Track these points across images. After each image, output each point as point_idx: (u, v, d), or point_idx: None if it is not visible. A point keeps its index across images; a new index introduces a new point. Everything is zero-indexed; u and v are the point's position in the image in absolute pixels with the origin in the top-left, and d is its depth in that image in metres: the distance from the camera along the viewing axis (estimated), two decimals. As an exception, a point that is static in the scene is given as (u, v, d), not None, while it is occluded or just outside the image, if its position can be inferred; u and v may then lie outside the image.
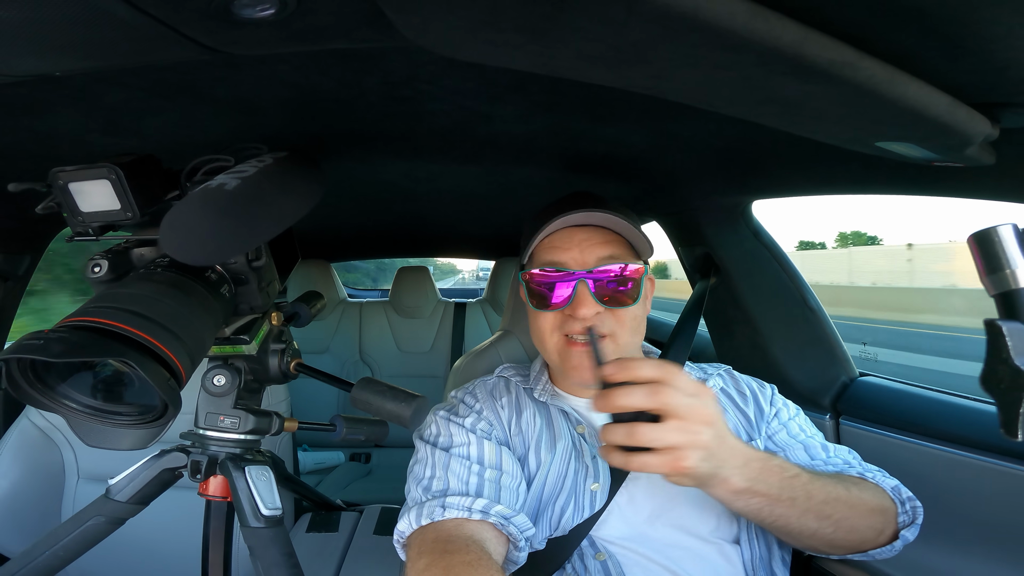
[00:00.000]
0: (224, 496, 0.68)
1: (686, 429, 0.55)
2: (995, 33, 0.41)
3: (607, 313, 0.76)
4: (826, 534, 0.67)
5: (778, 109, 0.52)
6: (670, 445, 0.55)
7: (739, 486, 0.60)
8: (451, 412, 0.83)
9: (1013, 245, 0.43)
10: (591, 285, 0.75)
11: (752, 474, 0.60)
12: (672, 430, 0.55)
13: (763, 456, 0.63)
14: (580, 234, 0.78)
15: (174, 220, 0.49)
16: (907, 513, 0.73)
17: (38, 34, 0.43)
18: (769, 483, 0.62)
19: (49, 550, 0.66)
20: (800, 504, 0.64)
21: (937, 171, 0.68)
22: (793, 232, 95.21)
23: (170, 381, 0.47)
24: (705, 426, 0.56)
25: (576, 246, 0.77)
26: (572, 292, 0.75)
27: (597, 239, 0.78)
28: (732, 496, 0.61)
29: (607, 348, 0.76)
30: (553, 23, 0.39)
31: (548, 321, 0.78)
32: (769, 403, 0.86)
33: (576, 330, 0.76)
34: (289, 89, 0.69)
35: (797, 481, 0.64)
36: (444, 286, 3.50)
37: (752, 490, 0.61)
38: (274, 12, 0.41)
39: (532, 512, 0.76)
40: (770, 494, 0.62)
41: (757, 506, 0.63)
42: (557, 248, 0.78)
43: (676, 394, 0.56)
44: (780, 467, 0.64)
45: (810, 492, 0.64)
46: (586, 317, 0.74)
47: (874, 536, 0.70)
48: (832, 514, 0.66)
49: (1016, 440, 0.42)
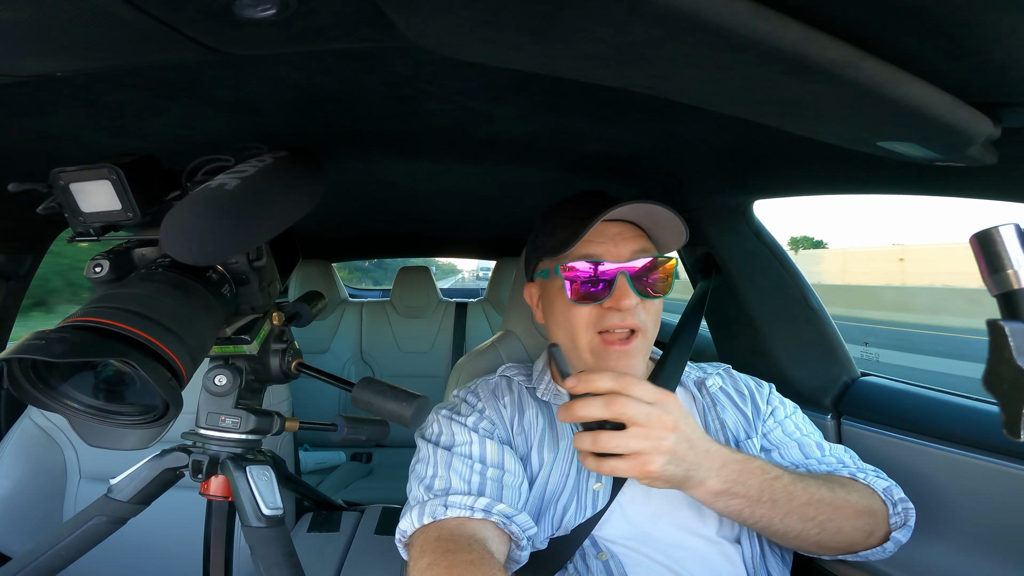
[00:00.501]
0: (225, 496, 0.68)
1: (648, 436, 0.58)
2: (997, 32, 0.41)
3: (640, 306, 0.77)
4: (811, 536, 0.68)
5: (780, 109, 0.52)
6: (633, 451, 0.58)
7: (717, 488, 0.62)
8: (453, 411, 0.83)
9: (1015, 245, 0.43)
10: (631, 276, 0.76)
11: (730, 476, 0.62)
12: (633, 437, 0.58)
13: (743, 458, 0.65)
14: (612, 228, 0.79)
15: (175, 220, 0.49)
16: (899, 515, 0.74)
17: (39, 35, 0.43)
18: (748, 484, 0.63)
19: (51, 550, 0.66)
20: (782, 506, 0.65)
21: (939, 171, 0.68)
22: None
23: (171, 381, 0.47)
24: (668, 431, 0.59)
25: (610, 240, 0.78)
26: (612, 283, 0.76)
27: (629, 233, 0.79)
28: (711, 497, 0.63)
29: (639, 345, 0.78)
30: (554, 23, 0.39)
31: (584, 317, 0.78)
32: (766, 401, 0.86)
33: (615, 323, 0.76)
34: (290, 89, 0.69)
35: (778, 483, 0.65)
36: (444, 286, 3.50)
37: (731, 492, 0.63)
38: (275, 12, 0.41)
39: (534, 511, 0.76)
40: (749, 495, 0.63)
41: (737, 507, 0.64)
42: (592, 242, 0.78)
43: (632, 403, 0.59)
44: (761, 469, 0.65)
45: (792, 494, 0.65)
46: (629, 308, 0.75)
47: (864, 538, 0.71)
48: (816, 516, 0.67)
49: (1018, 440, 0.42)
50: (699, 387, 0.87)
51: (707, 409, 0.84)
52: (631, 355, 0.77)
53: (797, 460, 0.79)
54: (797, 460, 0.79)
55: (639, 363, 0.78)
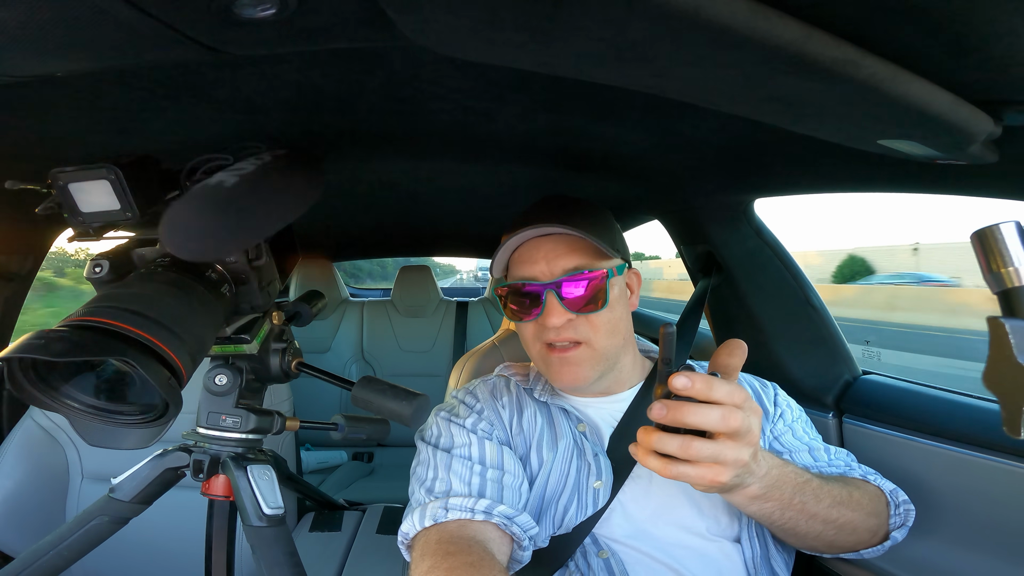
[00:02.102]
0: (227, 495, 0.68)
1: (738, 448, 0.55)
2: (998, 30, 0.41)
3: (581, 319, 0.76)
4: (829, 536, 0.68)
5: (780, 107, 0.52)
6: (718, 461, 0.54)
7: (756, 492, 0.61)
8: (451, 413, 0.83)
9: (1015, 243, 0.43)
10: (559, 295, 0.75)
11: (770, 481, 0.62)
12: (728, 448, 0.54)
13: (780, 463, 0.64)
14: (547, 244, 0.78)
15: (173, 217, 0.49)
16: (899, 515, 0.76)
17: (39, 35, 0.43)
18: (783, 489, 0.63)
19: (53, 550, 0.66)
20: (810, 508, 0.65)
21: (939, 169, 0.68)
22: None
23: (171, 380, 0.47)
24: (750, 447, 0.56)
25: (543, 258, 0.77)
26: (543, 303, 0.76)
27: (563, 248, 0.77)
28: (747, 501, 0.62)
29: (583, 354, 0.77)
30: (554, 22, 0.38)
31: (529, 331, 0.80)
32: (773, 403, 0.86)
33: (551, 338, 0.76)
34: (290, 89, 0.69)
35: (808, 487, 0.65)
36: (443, 285, 3.50)
37: (767, 496, 0.62)
38: (275, 12, 0.41)
39: (535, 511, 0.76)
40: (783, 499, 0.63)
41: (769, 510, 0.64)
42: (525, 262, 0.78)
43: (744, 418, 0.54)
44: (795, 473, 0.65)
45: (819, 497, 0.66)
46: (556, 326, 0.75)
47: (869, 537, 0.73)
48: (837, 519, 0.68)
49: (1019, 438, 0.42)
50: None
51: None
52: (572, 363, 0.77)
53: (807, 463, 0.80)
54: (807, 463, 0.80)
55: (584, 371, 0.77)
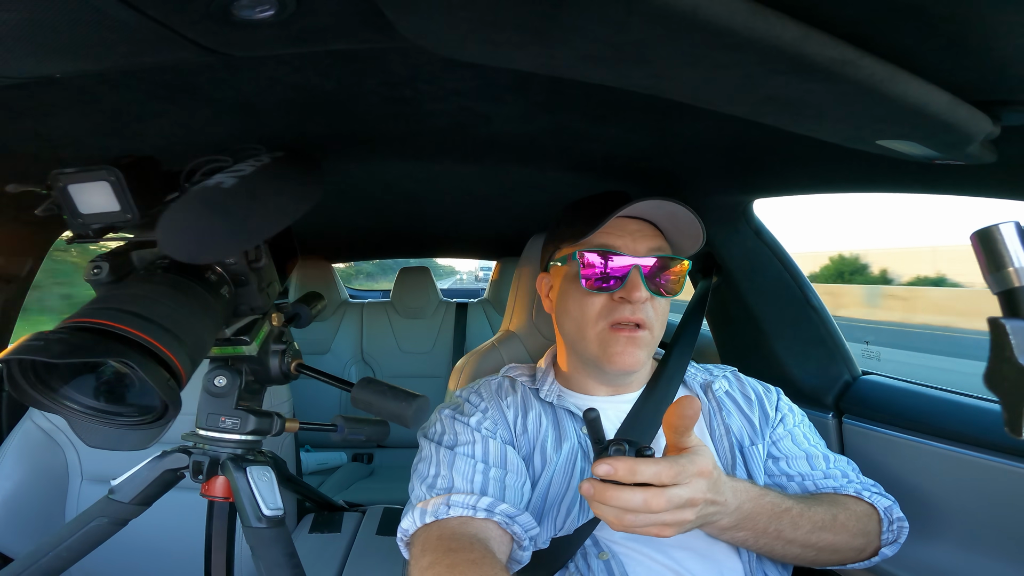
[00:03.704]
0: (226, 497, 0.68)
1: (675, 516, 0.55)
2: (996, 31, 0.41)
3: (649, 303, 0.78)
4: (808, 557, 0.71)
5: (779, 108, 0.52)
6: (662, 523, 0.55)
7: (726, 525, 0.63)
8: (456, 411, 0.83)
9: (1015, 243, 0.42)
10: (644, 272, 0.77)
11: (743, 515, 0.63)
12: (664, 514, 0.55)
13: (757, 494, 0.65)
14: (632, 225, 0.80)
15: (172, 219, 0.49)
16: (892, 532, 0.76)
17: (38, 36, 0.43)
18: (757, 520, 0.65)
19: (52, 551, 0.66)
20: (786, 535, 0.67)
21: (938, 169, 0.68)
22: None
23: (170, 382, 0.47)
24: (693, 508, 0.56)
25: (628, 235, 0.79)
26: (626, 276, 0.77)
27: (647, 232, 0.80)
28: (718, 531, 0.65)
29: (645, 338, 0.78)
30: (553, 23, 0.39)
31: (595, 306, 0.79)
32: (775, 408, 0.86)
33: (625, 316, 0.77)
34: (289, 90, 0.69)
35: (786, 516, 0.67)
36: (442, 286, 3.50)
37: (739, 527, 0.64)
38: (274, 13, 0.41)
39: (537, 511, 0.76)
40: (756, 529, 0.65)
41: (743, 538, 0.67)
42: (611, 234, 0.79)
43: (674, 496, 0.55)
44: (771, 504, 0.66)
45: (797, 524, 0.67)
46: (640, 300, 0.76)
47: (855, 555, 0.74)
48: (816, 543, 0.69)
49: (1019, 438, 0.42)
50: (705, 390, 0.87)
51: (712, 413, 0.84)
52: (637, 344, 0.78)
53: (804, 471, 0.80)
54: (804, 471, 0.80)
55: (643, 355, 0.79)
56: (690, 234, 0.80)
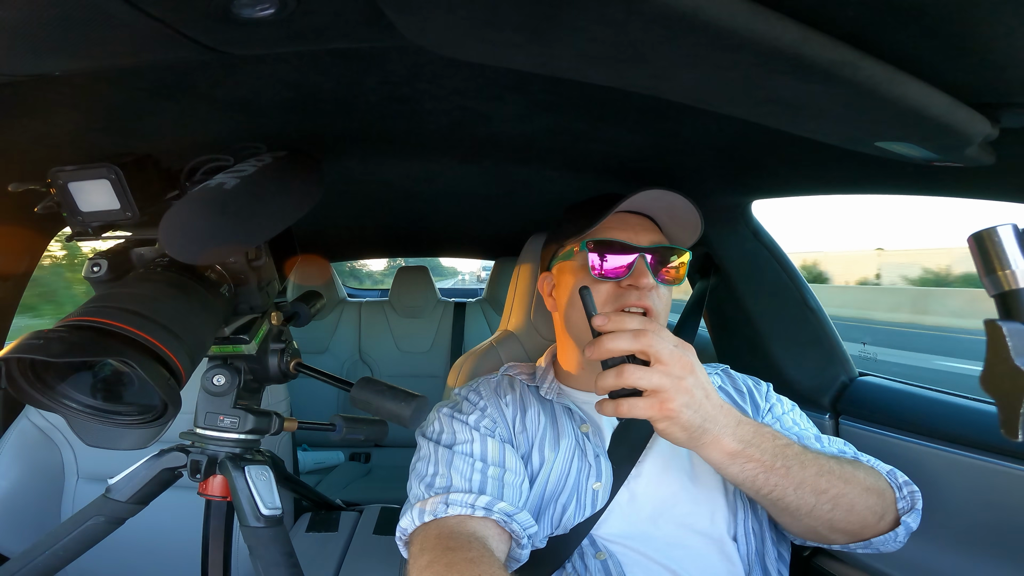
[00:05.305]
0: (224, 496, 0.67)
1: (669, 373, 0.59)
2: (995, 33, 0.41)
3: (655, 291, 0.80)
4: (824, 512, 0.66)
5: (778, 109, 0.52)
6: (655, 387, 0.59)
7: (732, 447, 0.62)
8: (455, 409, 0.83)
9: (1013, 245, 0.43)
10: (649, 260, 0.79)
11: (745, 436, 0.63)
12: (657, 372, 0.59)
13: (755, 422, 0.66)
14: (632, 219, 0.84)
15: (173, 219, 0.49)
16: (905, 498, 0.73)
17: (38, 34, 0.43)
18: (762, 448, 0.64)
19: (49, 550, 0.66)
20: (795, 474, 0.64)
21: (937, 171, 0.68)
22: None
23: (170, 381, 0.47)
24: (687, 373, 0.60)
25: (631, 228, 0.82)
26: (632, 265, 0.79)
27: (647, 225, 0.84)
28: (726, 458, 0.63)
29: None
30: (553, 23, 0.39)
31: (604, 294, 0.81)
32: (764, 399, 0.87)
33: (632, 301, 0.79)
34: (289, 89, 0.69)
35: (790, 450, 0.65)
36: (444, 286, 3.49)
37: (745, 453, 0.63)
38: (274, 12, 0.41)
39: (534, 510, 0.76)
40: (763, 460, 0.63)
41: (752, 472, 0.64)
42: (614, 228, 0.82)
43: (658, 340, 0.60)
44: (772, 434, 0.66)
45: (803, 461, 0.65)
46: (647, 286, 0.78)
47: (875, 520, 0.70)
48: (828, 489, 0.66)
49: (1016, 440, 0.42)
50: None
51: None
52: None
53: None
54: None
55: None
56: (688, 226, 0.83)
